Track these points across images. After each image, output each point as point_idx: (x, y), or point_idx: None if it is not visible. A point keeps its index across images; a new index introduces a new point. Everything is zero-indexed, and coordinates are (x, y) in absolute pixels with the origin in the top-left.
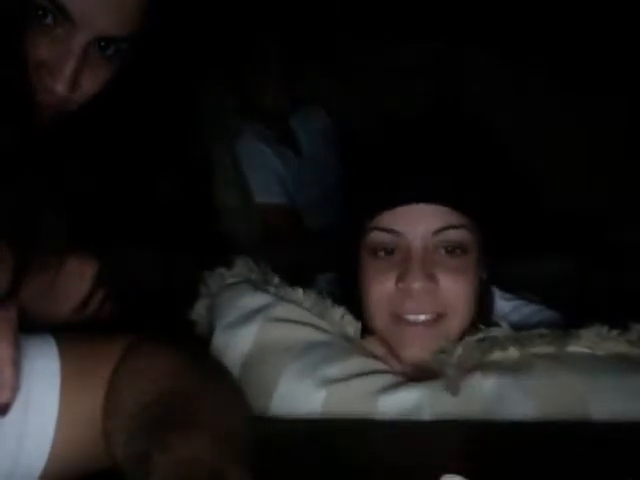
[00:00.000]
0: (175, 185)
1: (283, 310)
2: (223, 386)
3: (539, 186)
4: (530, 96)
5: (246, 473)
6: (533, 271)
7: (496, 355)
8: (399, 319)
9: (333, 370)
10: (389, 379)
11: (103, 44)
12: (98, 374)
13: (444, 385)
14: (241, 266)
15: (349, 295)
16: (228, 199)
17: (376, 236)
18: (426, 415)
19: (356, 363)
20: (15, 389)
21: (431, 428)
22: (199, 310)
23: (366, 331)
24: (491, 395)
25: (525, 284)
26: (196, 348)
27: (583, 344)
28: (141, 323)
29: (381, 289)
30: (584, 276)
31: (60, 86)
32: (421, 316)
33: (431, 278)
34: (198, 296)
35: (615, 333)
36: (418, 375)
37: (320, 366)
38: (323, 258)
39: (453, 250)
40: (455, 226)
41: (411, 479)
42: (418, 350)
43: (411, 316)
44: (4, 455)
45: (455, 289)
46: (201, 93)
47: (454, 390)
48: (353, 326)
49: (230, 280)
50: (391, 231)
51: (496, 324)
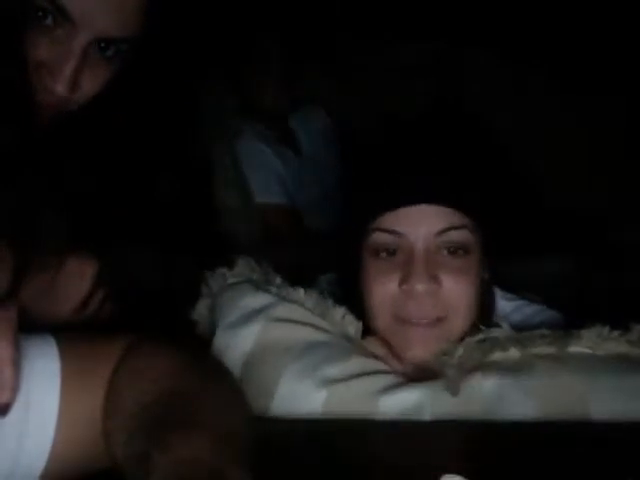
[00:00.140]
0: (175, 185)
1: (284, 310)
2: (223, 386)
3: (539, 186)
4: (530, 96)
5: (246, 473)
6: (533, 271)
7: (497, 355)
8: (402, 320)
9: (334, 370)
10: (390, 379)
11: (103, 45)
12: (98, 374)
13: (445, 385)
14: (242, 266)
15: (350, 295)
16: (228, 199)
17: (378, 237)
18: (427, 415)
19: (357, 363)
20: (15, 389)
21: (431, 428)
22: (200, 310)
23: (367, 331)
24: (491, 395)
25: (525, 284)
26: (196, 348)
27: (584, 344)
28: (141, 323)
29: (384, 290)
30: (584, 276)
31: (60, 86)
32: (424, 319)
33: (434, 279)
34: (198, 296)
35: (616, 334)
36: (419, 375)
37: (321, 366)
38: (323, 258)
39: (455, 251)
40: (457, 227)
41: (411, 479)
42: (421, 351)
43: (414, 318)
44: (4, 455)
45: (458, 290)
46: (201, 93)
47: (454, 390)
48: (354, 326)
49: (231, 280)
50: (393, 232)
51: (497, 325)
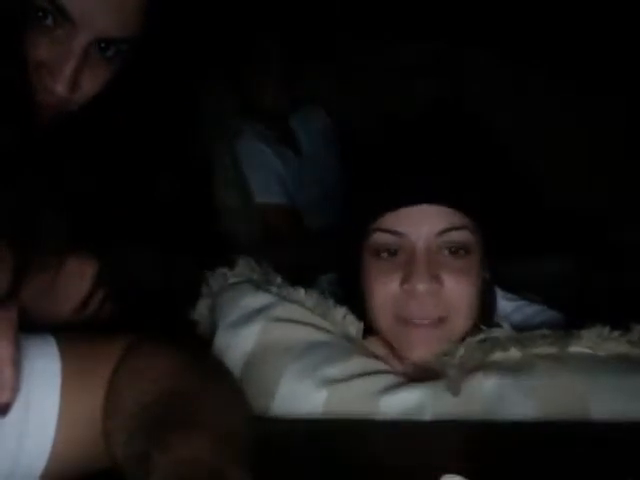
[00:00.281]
0: (175, 185)
1: (285, 310)
2: (223, 386)
3: (539, 186)
4: (530, 96)
5: (246, 473)
6: (533, 271)
7: (497, 356)
8: (403, 321)
9: (334, 370)
10: (391, 379)
11: (103, 45)
12: (98, 374)
13: (446, 385)
14: (243, 266)
15: (350, 295)
16: (228, 199)
17: (379, 237)
18: (428, 415)
19: (357, 363)
20: (15, 389)
21: (431, 428)
22: (201, 310)
23: (367, 331)
24: (492, 395)
25: (525, 284)
26: (196, 348)
27: (584, 345)
28: (141, 323)
29: (385, 291)
30: (584, 276)
31: (60, 87)
32: (425, 319)
33: (436, 279)
34: (199, 296)
35: (616, 334)
36: (419, 375)
37: (321, 366)
38: (323, 258)
39: (457, 251)
40: (458, 227)
41: (411, 479)
42: (423, 352)
43: (416, 319)
44: (4, 455)
45: (459, 290)
46: (201, 93)
47: (455, 390)
48: (355, 326)
49: (232, 280)
50: (394, 232)
51: (498, 325)
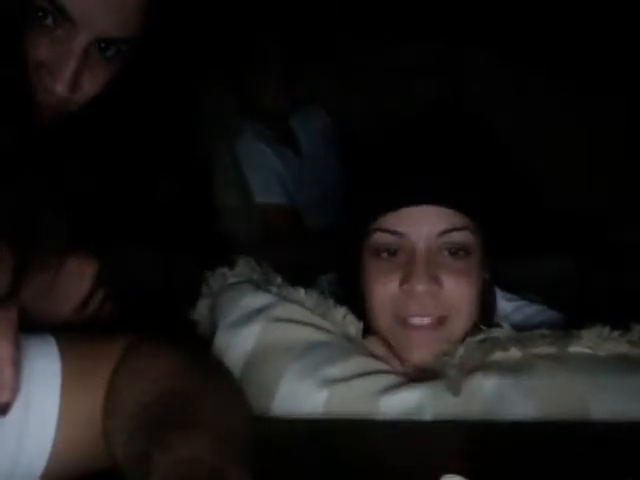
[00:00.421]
0: (175, 185)
1: (285, 310)
2: (223, 386)
3: (539, 186)
4: (530, 96)
5: (246, 473)
6: (533, 271)
7: (497, 356)
8: (403, 321)
9: (335, 370)
10: (391, 379)
11: (103, 45)
12: (98, 374)
13: (446, 385)
14: (243, 266)
15: (350, 295)
16: (228, 199)
17: (379, 237)
18: (428, 415)
19: (358, 363)
20: (15, 389)
21: (431, 428)
22: (201, 310)
23: (368, 331)
24: (492, 395)
25: (525, 284)
26: (196, 348)
27: (584, 344)
28: (141, 323)
29: (384, 291)
30: (584, 276)
31: (60, 87)
32: (425, 319)
33: (435, 280)
34: (199, 296)
35: (616, 334)
36: (419, 375)
37: (322, 366)
38: (323, 258)
39: (457, 252)
40: (459, 228)
41: (411, 479)
42: (423, 353)
43: (415, 319)
44: (4, 455)
45: (459, 291)
46: (201, 93)
47: (455, 390)
48: (355, 326)
49: (232, 280)
50: (395, 232)
51: (498, 325)
